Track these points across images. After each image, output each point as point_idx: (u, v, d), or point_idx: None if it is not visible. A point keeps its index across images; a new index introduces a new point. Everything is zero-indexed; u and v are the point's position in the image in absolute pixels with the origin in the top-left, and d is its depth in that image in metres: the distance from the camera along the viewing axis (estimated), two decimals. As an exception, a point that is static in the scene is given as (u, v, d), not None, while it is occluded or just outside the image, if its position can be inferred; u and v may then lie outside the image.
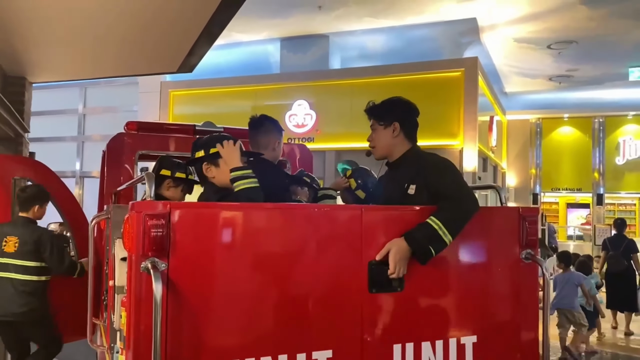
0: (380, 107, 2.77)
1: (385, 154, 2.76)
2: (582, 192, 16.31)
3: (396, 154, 2.72)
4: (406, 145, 2.71)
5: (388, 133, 2.70)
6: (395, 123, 2.68)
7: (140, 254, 1.94)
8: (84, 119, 14.47)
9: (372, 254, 2.30)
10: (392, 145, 2.71)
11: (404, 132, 2.69)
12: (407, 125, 2.71)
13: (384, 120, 2.71)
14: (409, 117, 2.73)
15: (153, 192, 2.11)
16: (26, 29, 4.24)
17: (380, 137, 2.74)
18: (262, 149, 3.10)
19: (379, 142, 2.75)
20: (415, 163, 2.62)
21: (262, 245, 2.16)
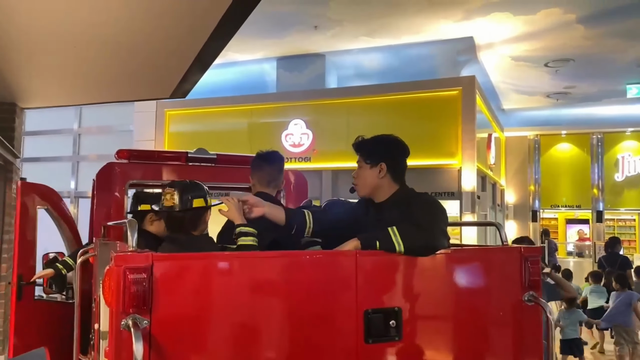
0: (369, 144, 2.61)
1: (368, 194, 2.61)
2: (582, 208, 16.22)
3: (382, 195, 2.58)
4: (393, 187, 2.56)
5: (374, 173, 2.55)
6: (382, 164, 2.53)
7: (121, 311, 1.83)
8: (79, 138, 14.36)
9: (367, 301, 2.19)
10: (377, 186, 2.57)
11: (390, 173, 2.55)
12: (395, 167, 2.56)
13: (371, 159, 2.56)
14: (397, 159, 2.59)
15: (135, 242, 2.00)
16: (15, 56, 4.16)
17: (365, 175, 2.58)
18: (271, 186, 3.02)
19: (363, 181, 2.60)
20: (402, 205, 2.48)
21: (252, 297, 2.05)
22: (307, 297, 2.13)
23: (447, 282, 2.42)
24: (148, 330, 1.85)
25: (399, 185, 2.58)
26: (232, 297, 2.02)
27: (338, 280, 2.19)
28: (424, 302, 2.35)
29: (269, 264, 2.13)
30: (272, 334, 2.08)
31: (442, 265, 2.45)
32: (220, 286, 2.03)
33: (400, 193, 2.57)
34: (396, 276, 2.31)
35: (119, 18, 3.28)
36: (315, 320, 2.14)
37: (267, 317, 2.07)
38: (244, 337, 2.02)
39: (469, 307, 2.44)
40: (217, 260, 2.07)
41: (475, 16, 9.62)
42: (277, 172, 3.07)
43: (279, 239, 2.65)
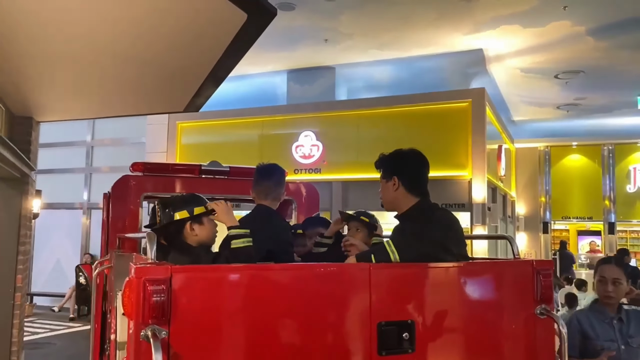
0: (383, 159, 2.74)
1: (390, 208, 2.72)
2: (593, 220, 16.12)
3: (402, 207, 2.66)
4: (411, 199, 2.63)
5: (389, 187, 2.67)
6: (394, 177, 2.63)
7: (140, 322, 1.88)
8: (92, 150, 14.54)
9: (381, 314, 2.22)
10: (394, 199, 2.67)
11: (404, 185, 2.63)
12: (407, 179, 2.64)
13: (385, 175, 2.70)
14: (407, 170, 2.66)
15: (154, 255, 2.05)
16: (32, 72, 4.25)
17: (383, 190, 2.73)
18: (269, 199, 3.08)
19: (383, 196, 2.74)
20: (418, 218, 2.55)
21: (268, 308, 2.09)
22: (321, 309, 2.17)
23: (460, 295, 2.44)
24: (167, 340, 1.89)
25: (418, 197, 2.64)
26: (248, 309, 2.06)
27: (352, 292, 2.22)
28: (437, 315, 2.37)
29: (284, 276, 2.17)
30: (287, 345, 2.11)
31: (455, 279, 2.48)
32: (237, 298, 2.06)
33: (417, 206, 2.62)
34: (409, 289, 2.33)
35: (135, 35, 3.36)
36: (329, 332, 2.17)
37: (281, 329, 2.11)
38: (259, 348, 2.05)
39: (482, 320, 2.46)
40: (234, 273, 2.11)
41: (485, 29, 9.66)
42: (274, 185, 3.14)
43: (274, 250, 2.78)
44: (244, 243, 2.56)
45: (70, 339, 10.17)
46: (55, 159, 13.84)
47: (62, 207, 13.98)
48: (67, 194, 14.05)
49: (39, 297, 13.46)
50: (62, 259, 13.84)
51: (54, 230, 14.01)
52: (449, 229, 2.58)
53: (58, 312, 12.68)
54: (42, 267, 13.94)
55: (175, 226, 2.68)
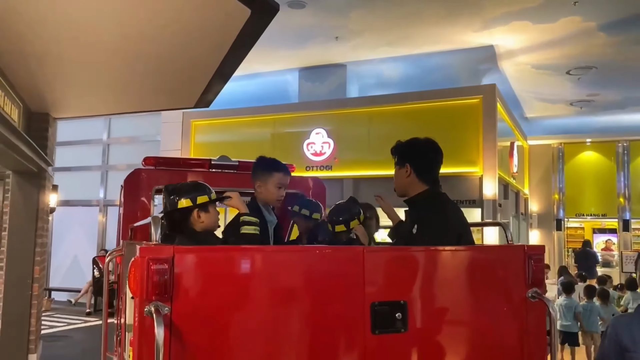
0: (398, 147, 2.90)
1: (402, 193, 2.88)
2: (608, 217, 16.00)
3: (411, 193, 2.82)
4: (421, 186, 2.78)
5: (402, 174, 2.82)
6: (407, 164, 2.78)
7: (144, 298, 2.00)
8: (108, 148, 14.81)
9: (374, 294, 2.32)
10: (406, 185, 2.82)
11: (415, 173, 2.77)
12: (419, 167, 2.78)
13: (398, 161, 2.85)
14: (420, 159, 2.80)
15: (158, 236, 2.17)
16: (49, 70, 4.42)
17: (396, 177, 2.89)
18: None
19: (395, 182, 2.90)
20: (423, 205, 2.68)
21: (265, 287, 2.20)
22: (317, 289, 2.27)
23: (452, 277, 2.53)
24: (169, 316, 2.01)
25: (428, 185, 2.78)
26: (247, 288, 2.17)
27: (346, 273, 2.32)
28: (430, 296, 2.46)
29: (281, 257, 2.29)
30: (285, 324, 2.22)
31: (449, 262, 2.57)
32: (236, 277, 2.18)
33: (425, 194, 2.76)
34: (403, 271, 2.42)
35: (144, 33, 3.50)
36: (325, 312, 2.27)
37: (279, 307, 2.21)
38: (257, 325, 2.16)
39: (474, 302, 2.55)
40: (234, 253, 2.23)
41: (495, 25, 9.68)
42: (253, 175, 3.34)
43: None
44: (253, 230, 2.71)
45: (87, 333, 10.40)
46: (72, 156, 14.13)
47: (79, 204, 14.28)
48: (84, 191, 14.34)
49: (56, 292, 13.76)
50: (79, 255, 14.12)
51: (71, 227, 14.31)
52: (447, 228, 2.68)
53: (74, 306, 12.95)
54: (59, 263, 14.24)
55: (182, 213, 2.79)
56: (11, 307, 5.53)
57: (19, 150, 4.45)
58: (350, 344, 2.28)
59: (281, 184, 3.27)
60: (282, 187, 3.28)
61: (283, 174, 3.29)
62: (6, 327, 5.51)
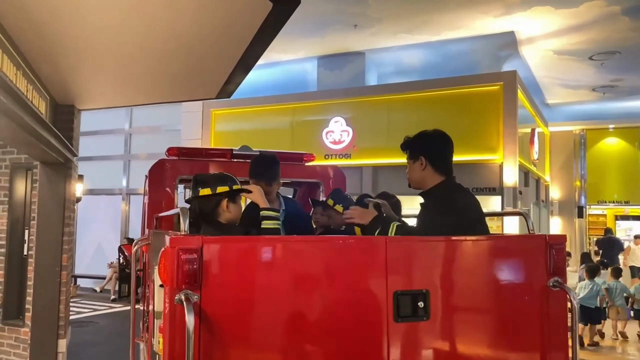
0: (408, 141, 2.89)
1: (417, 186, 2.89)
2: (631, 204, 15.78)
3: (427, 185, 2.82)
4: (437, 178, 2.78)
5: (417, 167, 2.82)
6: (422, 157, 2.78)
7: (174, 287, 2.07)
8: (130, 138, 15.01)
9: (397, 283, 2.37)
10: (422, 177, 2.82)
11: (431, 164, 2.78)
12: (434, 158, 2.79)
13: (412, 155, 2.84)
14: (434, 150, 2.81)
15: (187, 226, 2.24)
16: (76, 64, 4.51)
17: (411, 170, 2.88)
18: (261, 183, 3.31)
19: (410, 175, 2.90)
20: (440, 197, 2.70)
21: (291, 276, 2.26)
22: (341, 278, 2.33)
23: (474, 267, 2.56)
24: (199, 304, 2.08)
25: (444, 176, 2.79)
26: (273, 277, 2.23)
27: (369, 263, 2.37)
28: (452, 285, 2.50)
29: (306, 247, 2.35)
30: (310, 312, 2.28)
31: (470, 251, 2.60)
32: (262, 267, 2.25)
33: (442, 185, 2.77)
34: (425, 261, 2.47)
35: (168, 27, 3.56)
36: (349, 300, 2.33)
37: (305, 297, 2.28)
38: (283, 314, 2.23)
39: (495, 291, 2.58)
40: (260, 244, 2.29)
41: (516, 10, 9.56)
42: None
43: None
44: (274, 225, 2.76)
45: (112, 319, 10.65)
46: (95, 146, 14.35)
47: (102, 193, 14.53)
48: (107, 180, 14.58)
49: (82, 279, 14.07)
50: (103, 243, 14.40)
51: (95, 216, 14.58)
52: (465, 213, 2.69)
53: (100, 293, 13.24)
54: (84, 251, 14.54)
55: (214, 202, 2.80)
56: (41, 294, 5.70)
57: (46, 141, 4.56)
58: (374, 332, 2.34)
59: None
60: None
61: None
62: (37, 314, 5.68)
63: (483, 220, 2.81)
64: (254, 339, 2.18)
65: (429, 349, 2.42)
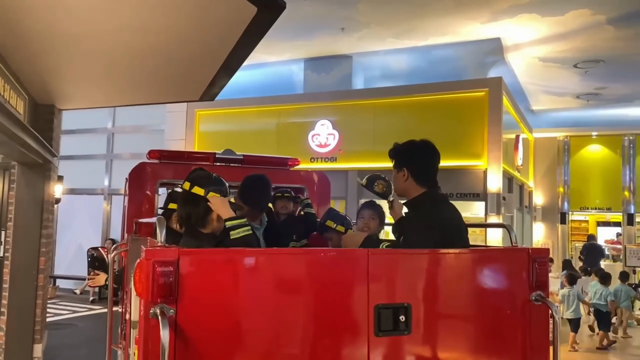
0: (395, 151, 2.89)
1: (401, 195, 2.93)
2: (612, 211, 15.97)
3: (410, 195, 2.82)
4: (418, 189, 2.76)
5: (400, 177, 2.82)
6: (405, 169, 2.78)
7: (150, 300, 2.01)
8: (113, 137, 14.83)
9: (379, 296, 2.33)
10: (404, 188, 2.82)
11: (413, 177, 2.76)
12: (417, 171, 2.77)
13: (396, 165, 2.85)
14: (418, 163, 2.78)
15: (163, 238, 2.18)
16: (55, 61, 4.41)
17: (394, 179, 2.91)
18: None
19: (394, 184, 2.95)
20: (419, 208, 2.68)
21: (270, 289, 2.21)
22: (321, 291, 2.28)
23: (456, 280, 2.53)
24: (174, 318, 2.02)
25: (426, 188, 2.76)
26: (251, 291, 2.18)
27: (351, 276, 2.32)
28: (433, 299, 2.47)
29: (286, 260, 2.29)
30: (289, 325, 2.23)
31: (452, 265, 2.57)
32: (240, 280, 2.19)
33: (421, 197, 2.75)
34: (406, 274, 2.43)
35: (151, 28, 3.49)
36: (329, 313, 2.28)
37: (284, 309, 2.22)
38: (262, 327, 2.18)
39: (477, 305, 2.55)
40: (238, 256, 2.23)
41: (502, 17, 9.60)
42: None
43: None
44: (243, 232, 2.61)
45: (92, 321, 10.49)
46: (77, 145, 14.15)
47: (83, 192, 14.33)
48: (89, 179, 14.38)
49: (61, 280, 13.85)
50: (84, 243, 14.18)
51: (76, 215, 14.37)
52: (442, 229, 2.65)
53: (80, 295, 13.05)
54: (64, 251, 14.32)
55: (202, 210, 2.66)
56: (17, 297, 5.58)
57: (24, 142, 4.46)
58: (354, 345, 2.30)
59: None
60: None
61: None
62: (11, 317, 5.56)
63: (463, 234, 2.78)
64: (232, 354, 2.13)
65: (410, 363, 2.38)
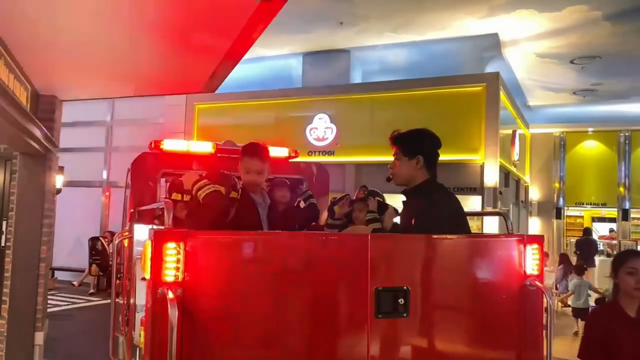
0: (407, 138, 2.87)
1: (405, 183, 2.89)
2: (607, 206, 16.10)
3: (413, 183, 2.85)
4: (424, 176, 2.82)
5: (412, 165, 2.81)
6: (420, 157, 2.79)
7: (157, 280, 2.08)
8: (112, 130, 14.84)
9: (378, 280, 2.40)
10: (413, 176, 2.84)
11: (426, 165, 2.81)
12: (430, 160, 2.82)
13: (409, 153, 2.81)
14: (432, 151, 2.85)
15: (170, 220, 2.25)
16: (58, 54, 4.46)
17: (403, 167, 2.85)
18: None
19: (401, 172, 2.87)
20: (424, 197, 2.73)
21: (273, 271, 2.28)
22: (324, 274, 2.35)
23: (453, 265, 2.61)
24: (181, 298, 2.09)
25: (430, 175, 2.83)
26: (255, 272, 2.25)
27: (352, 260, 2.39)
28: (431, 283, 2.55)
29: (290, 244, 2.36)
30: (291, 307, 2.30)
31: (450, 250, 2.65)
32: (245, 261, 2.26)
33: (426, 184, 2.81)
34: (406, 259, 2.50)
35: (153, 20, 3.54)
36: (331, 295, 2.36)
37: (286, 291, 2.30)
38: (266, 307, 2.25)
39: (473, 289, 2.63)
40: (244, 238, 2.30)
41: (500, 13, 9.67)
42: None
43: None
44: (208, 189, 2.78)
45: (90, 312, 10.56)
46: (76, 138, 14.14)
47: (82, 185, 14.34)
48: (87, 172, 14.39)
49: (59, 272, 13.88)
50: (82, 236, 14.20)
51: (75, 208, 14.36)
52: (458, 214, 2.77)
53: (78, 287, 13.10)
54: (62, 243, 14.31)
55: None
56: (18, 286, 5.63)
57: (28, 131, 4.51)
58: (355, 327, 2.37)
59: (248, 168, 3.17)
60: (250, 172, 3.17)
61: (248, 157, 3.18)
62: (14, 306, 5.62)
63: (464, 219, 2.86)
64: (236, 332, 2.20)
65: (407, 344, 2.46)
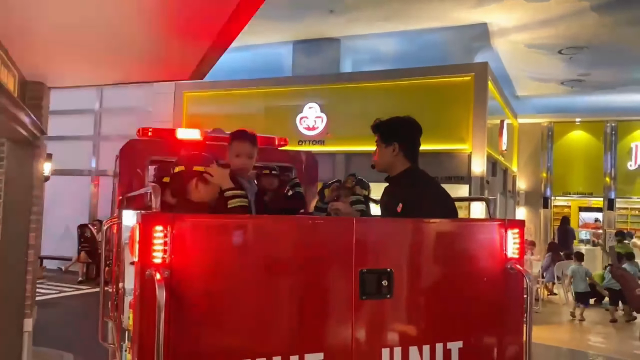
0: (384, 125, 2.95)
1: (384, 170, 2.97)
2: (594, 196, 16.29)
3: (395, 170, 2.91)
4: (405, 164, 2.88)
5: (388, 152, 2.89)
6: (395, 143, 2.86)
7: (145, 262, 2.12)
8: (100, 118, 14.76)
9: (363, 262, 2.45)
10: (391, 162, 2.91)
11: (403, 152, 2.87)
12: (407, 146, 2.88)
13: (385, 140, 2.90)
14: (409, 138, 2.90)
15: (158, 204, 2.28)
16: (45, 40, 4.45)
17: (381, 154, 2.94)
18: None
19: (380, 159, 2.96)
20: (407, 185, 2.79)
21: (259, 254, 2.32)
22: (309, 256, 2.40)
23: (435, 248, 2.67)
24: (169, 279, 2.13)
25: (410, 163, 2.89)
26: (241, 255, 2.29)
27: (337, 242, 2.44)
28: (414, 265, 2.60)
29: (276, 226, 2.40)
30: (277, 289, 2.35)
31: (432, 233, 2.70)
32: (232, 245, 2.30)
33: (408, 172, 2.87)
34: (389, 241, 2.55)
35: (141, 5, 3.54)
36: (317, 278, 2.40)
37: (273, 274, 2.34)
38: (252, 290, 2.29)
39: (455, 271, 2.69)
40: (230, 222, 2.34)
41: (489, 3, 9.71)
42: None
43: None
44: (240, 202, 2.78)
45: (79, 300, 10.57)
46: (64, 126, 14.05)
47: (70, 173, 14.28)
48: (76, 160, 14.33)
49: (48, 261, 13.86)
50: (71, 225, 14.18)
51: (63, 196, 14.31)
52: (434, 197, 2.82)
53: (66, 275, 13.09)
54: (50, 232, 14.26)
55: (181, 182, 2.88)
56: (7, 273, 5.64)
57: (16, 117, 4.50)
58: (340, 308, 2.42)
59: (238, 152, 3.16)
60: (241, 156, 3.16)
61: (238, 141, 3.19)
62: (2, 293, 5.62)
63: (450, 204, 2.93)
64: (223, 314, 2.24)
65: (391, 325, 2.52)
